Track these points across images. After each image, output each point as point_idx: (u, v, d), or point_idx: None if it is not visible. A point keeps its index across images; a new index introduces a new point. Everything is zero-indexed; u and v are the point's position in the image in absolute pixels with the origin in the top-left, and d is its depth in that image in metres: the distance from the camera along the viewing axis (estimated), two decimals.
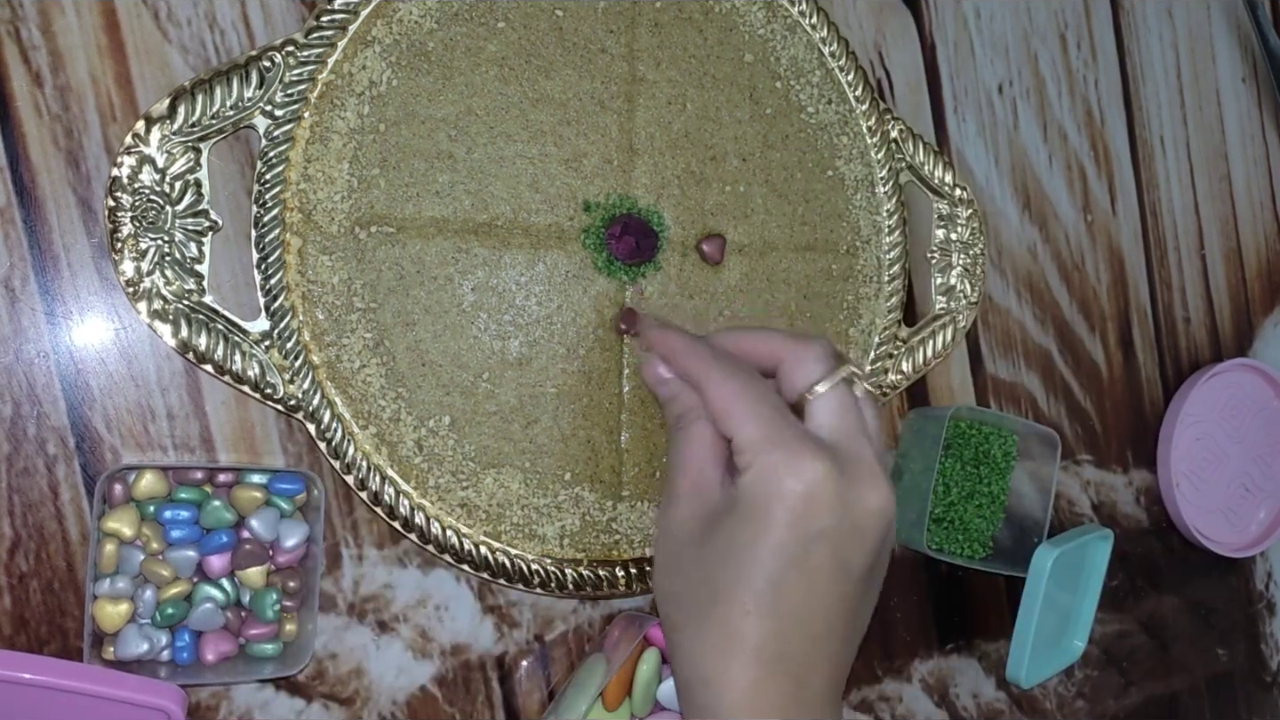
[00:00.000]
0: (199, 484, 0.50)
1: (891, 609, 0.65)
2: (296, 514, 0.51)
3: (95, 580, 0.48)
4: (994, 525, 0.66)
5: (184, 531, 0.49)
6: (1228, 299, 0.76)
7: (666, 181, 0.56)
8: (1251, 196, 0.76)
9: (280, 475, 0.51)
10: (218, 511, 0.49)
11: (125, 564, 0.48)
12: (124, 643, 0.48)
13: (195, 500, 0.49)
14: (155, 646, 0.48)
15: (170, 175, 0.49)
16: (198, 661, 0.49)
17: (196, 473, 0.50)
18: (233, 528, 0.50)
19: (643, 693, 0.54)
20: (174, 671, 0.49)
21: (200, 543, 0.49)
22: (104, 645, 0.48)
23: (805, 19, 0.59)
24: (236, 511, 0.50)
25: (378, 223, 0.52)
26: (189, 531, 0.49)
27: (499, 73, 0.53)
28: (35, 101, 0.48)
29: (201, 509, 0.49)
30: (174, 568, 0.49)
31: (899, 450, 0.65)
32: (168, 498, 0.49)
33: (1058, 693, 0.71)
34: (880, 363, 0.61)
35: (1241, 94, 0.75)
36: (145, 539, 0.49)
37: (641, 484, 0.56)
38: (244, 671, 0.50)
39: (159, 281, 0.49)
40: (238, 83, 0.49)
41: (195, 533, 0.49)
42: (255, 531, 0.50)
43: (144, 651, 0.48)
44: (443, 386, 0.53)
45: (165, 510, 0.49)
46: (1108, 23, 0.71)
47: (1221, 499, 0.75)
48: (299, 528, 0.50)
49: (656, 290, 0.56)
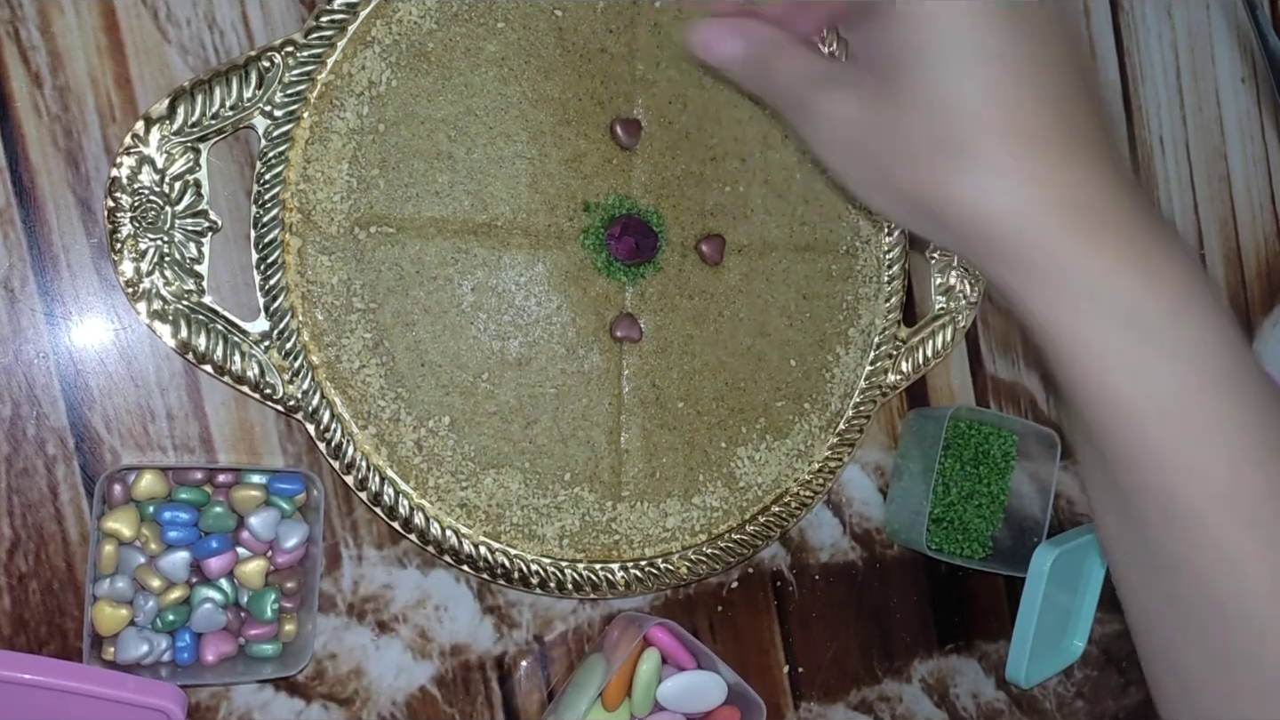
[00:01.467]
0: (199, 484, 0.50)
1: (891, 609, 0.65)
2: (296, 514, 0.51)
3: (95, 581, 0.48)
4: (994, 525, 0.66)
5: (181, 533, 0.49)
6: (1227, 299, 0.76)
7: (666, 182, 0.56)
8: (1251, 197, 0.76)
9: (280, 475, 0.51)
10: (218, 517, 0.49)
11: (125, 564, 0.48)
12: (124, 645, 0.48)
13: (195, 501, 0.49)
14: (155, 649, 0.48)
15: (170, 176, 0.49)
16: (198, 662, 0.49)
17: (196, 473, 0.50)
18: (231, 533, 0.50)
19: (642, 693, 0.54)
20: (174, 672, 0.49)
21: (195, 545, 0.49)
22: (104, 646, 0.48)
23: None
24: (236, 512, 0.50)
25: (377, 223, 0.52)
26: (186, 533, 0.49)
27: (498, 73, 0.53)
28: (35, 102, 0.48)
29: (202, 512, 0.49)
30: (166, 577, 0.48)
31: (899, 451, 0.65)
32: (167, 498, 0.49)
33: (1057, 693, 0.71)
34: (880, 363, 0.61)
35: (1241, 94, 0.75)
36: (144, 539, 0.48)
37: (641, 484, 0.56)
38: (244, 672, 0.50)
39: (158, 282, 0.48)
40: (237, 83, 0.49)
41: (193, 534, 0.49)
42: (255, 531, 0.50)
43: (144, 654, 0.48)
44: (442, 387, 0.53)
45: (165, 511, 0.49)
46: (1107, 23, 0.71)
47: None
48: (298, 528, 0.50)
49: (656, 291, 0.56)
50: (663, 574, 0.57)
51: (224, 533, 0.50)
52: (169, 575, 0.49)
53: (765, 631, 0.62)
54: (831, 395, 0.60)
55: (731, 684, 0.56)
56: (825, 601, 0.63)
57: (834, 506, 0.64)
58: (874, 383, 0.61)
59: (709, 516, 0.58)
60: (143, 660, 0.48)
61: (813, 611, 0.63)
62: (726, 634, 0.61)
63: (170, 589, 0.49)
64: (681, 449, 0.57)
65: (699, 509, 0.58)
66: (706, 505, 0.58)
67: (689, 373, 0.57)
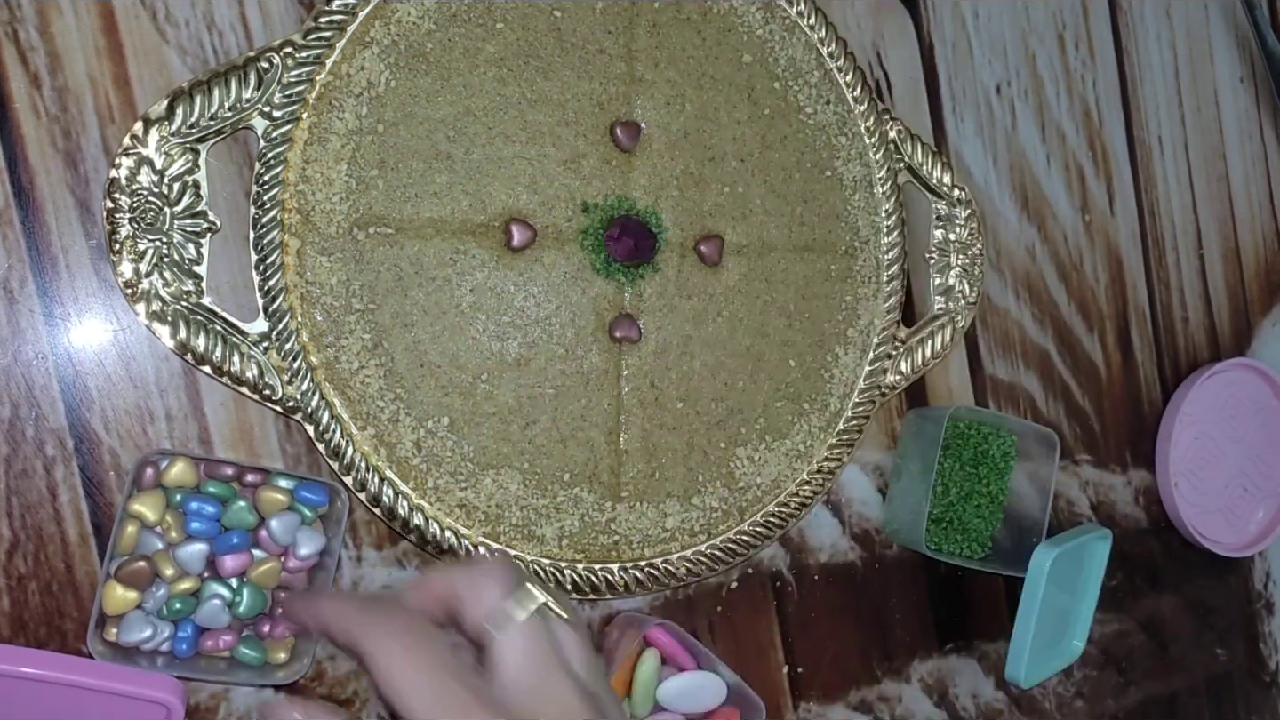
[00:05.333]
0: (227, 480, 0.50)
1: (891, 609, 0.65)
2: (316, 524, 0.51)
3: (111, 559, 0.48)
4: (993, 525, 0.66)
5: (203, 525, 0.49)
6: (1226, 299, 0.76)
7: (665, 182, 0.56)
8: (1250, 196, 0.76)
9: (306, 484, 0.51)
10: (241, 512, 0.50)
11: (143, 547, 0.49)
12: (128, 627, 0.48)
13: (221, 496, 0.50)
14: (158, 635, 0.48)
15: (168, 176, 0.49)
16: (196, 654, 0.49)
17: (227, 468, 0.50)
18: (251, 531, 0.50)
19: (643, 693, 0.54)
20: (170, 662, 0.49)
21: (215, 540, 0.49)
22: (107, 626, 0.48)
23: (803, 19, 0.59)
24: (258, 512, 0.50)
25: (376, 224, 0.52)
26: (208, 526, 0.49)
27: (497, 73, 0.53)
28: (33, 103, 0.48)
29: (226, 506, 0.50)
30: (181, 566, 0.49)
31: (898, 451, 0.65)
32: (196, 489, 0.50)
33: (1057, 693, 0.71)
34: (879, 363, 0.61)
35: (1240, 94, 0.75)
36: (166, 527, 0.49)
37: (640, 485, 0.56)
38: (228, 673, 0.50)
39: (157, 283, 0.48)
40: (236, 84, 0.49)
41: (214, 528, 0.49)
42: (274, 533, 0.50)
43: (145, 638, 0.48)
44: (441, 387, 0.53)
45: (191, 501, 0.49)
46: (1106, 23, 0.71)
47: (1220, 499, 0.75)
48: (316, 538, 0.50)
49: (655, 291, 0.56)
50: (662, 575, 0.57)
51: (245, 530, 0.50)
52: (184, 565, 0.49)
53: (765, 632, 0.62)
54: (831, 395, 0.60)
55: (731, 684, 0.56)
56: (825, 602, 0.63)
57: (833, 507, 0.64)
58: (873, 383, 0.61)
59: (708, 517, 0.58)
60: (143, 644, 0.48)
61: (812, 612, 0.63)
62: (726, 634, 0.61)
63: (182, 579, 0.49)
64: (681, 449, 0.57)
65: (698, 509, 0.58)
66: (706, 505, 0.58)
67: (688, 373, 0.57)
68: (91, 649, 0.47)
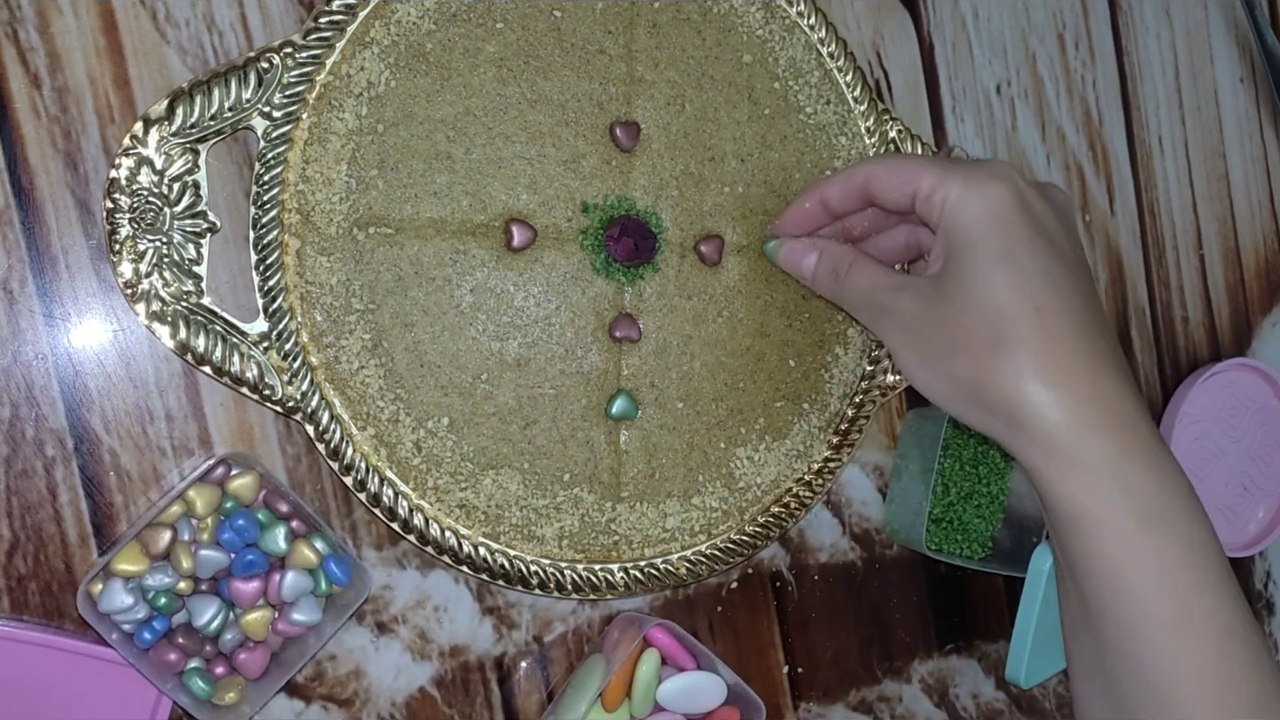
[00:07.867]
0: (279, 514, 0.51)
1: (891, 609, 0.65)
2: (323, 600, 0.52)
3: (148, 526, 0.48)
4: (993, 525, 0.66)
5: (233, 539, 0.49)
6: (1226, 298, 0.76)
7: (665, 182, 0.56)
8: (1250, 196, 0.76)
9: (339, 558, 0.51)
10: (278, 540, 0.50)
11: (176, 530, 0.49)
12: (110, 592, 0.47)
13: (264, 524, 0.50)
14: (132, 614, 0.48)
15: (168, 177, 0.49)
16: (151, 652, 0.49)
17: (283, 504, 0.51)
18: (267, 572, 0.50)
19: (642, 693, 0.54)
20: (126, 644, 0.48)
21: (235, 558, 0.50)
22: (95, 582, 0.48)
23: (803, 19, 0.59)
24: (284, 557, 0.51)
25: (376, 224, 0.52)
26: (236, 541, 0.50)
27: (497, 74, 0.53)
28: (33, 103, 0.48)
29: (264, 530, 0.50)
30: (192, 565, 0.49)
31: (898, 451, 0.65)
32: (248, 506, 0.50)
33: (1057, 693, 0.71)
34: (879, 363, 0.61)
35: (1239, 94, 0.75)
36: (204, 526, 0.49)
37: (640, 485, 0.56)
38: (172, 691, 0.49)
39: (157, 283, 0.48)
40: (236, 84, 0.49)
41: (240, 547, 0.50)
42: (283, 585, 0.50)
43: (119, 608, 0.47)
44: (441, 388, 0.53)
45: (239, 516, 0.49)
46: (1105, 23, 0.71)
47: (1220, 499, 0.75)
48: (314, 612, 0.51)
49: (655, 291, 0.56)
50: (662, 575, 0.57)
51: (266, 558, 0.50)
52: (198, 565, 0.49)
53: (765, 632, 0.62)
54: (831, 395, 0.60)
55: (731, 684, 0.56)
56: (825, 602, 0.64)
57: (833, 507, 0.64)
58: (873, 383, 0.61)
59: (708, 517, 0.58)
60: (115, 613, 0.47)
61: (812, 612, 0.63)
62: (726, 634, 0.61)
63: (185, 578, 0.49)
64: (681, 449, 0.57)
65: (698, 509, 0.58)
66: (706, 506, 0.58)
67: (688, 373, 0.57)
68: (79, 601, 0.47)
